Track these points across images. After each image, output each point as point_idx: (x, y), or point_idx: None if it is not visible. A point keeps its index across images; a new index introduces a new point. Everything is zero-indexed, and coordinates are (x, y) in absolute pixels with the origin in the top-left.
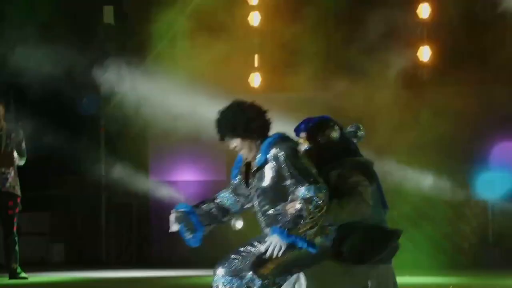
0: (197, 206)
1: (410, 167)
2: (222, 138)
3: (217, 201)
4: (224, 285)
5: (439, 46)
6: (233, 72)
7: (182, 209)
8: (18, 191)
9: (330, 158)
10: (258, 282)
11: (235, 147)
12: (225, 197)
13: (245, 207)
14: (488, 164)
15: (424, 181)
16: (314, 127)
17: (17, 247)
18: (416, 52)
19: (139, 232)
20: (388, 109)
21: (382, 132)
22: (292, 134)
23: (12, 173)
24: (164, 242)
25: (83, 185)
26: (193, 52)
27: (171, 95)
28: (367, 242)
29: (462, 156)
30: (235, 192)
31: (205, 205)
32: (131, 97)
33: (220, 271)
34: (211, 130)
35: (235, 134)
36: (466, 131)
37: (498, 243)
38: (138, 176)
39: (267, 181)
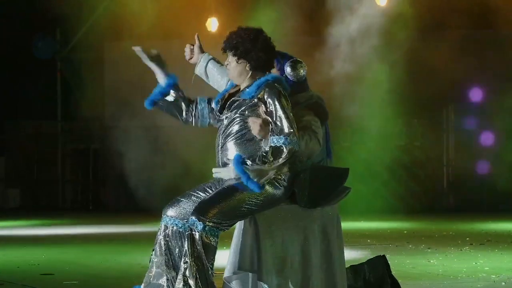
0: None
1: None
2: (223, 50)
3: (193, 100)
4: (170, 225)
5: None
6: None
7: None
8: None
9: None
10: (199, 226)
11: (227, 64)
12: (203, 100)
13: (205, 123)
14: None
15: (381, 126)
16: (288, 64)
17: None
18: None
19: (95, 177)
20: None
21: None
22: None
23: None
24: (120, 188)
25: (39, 130)
26: None
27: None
28: (315, 184)
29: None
30: (209, 109)
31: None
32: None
33: (169, 211)
34: None
35: (234, 53)
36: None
37: (452, 189)
38: (94, 120)
39: (243, 113)
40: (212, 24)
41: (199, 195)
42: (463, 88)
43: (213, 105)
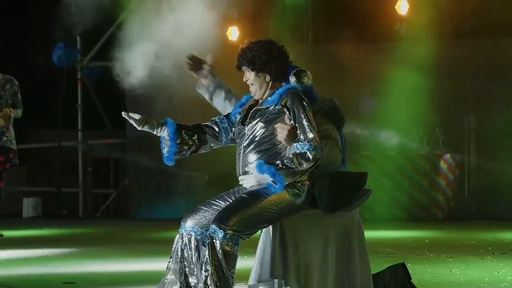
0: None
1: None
2: (239, 67)
3: (209, 123)
4: (188, 234)
5: None
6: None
7: (163, 121)
8: (14, 146)
9: None
10: (220, 234)
11: (247, 80)
12: (221, 120)
13: (230, 141)
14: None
15: (402, 135)
16: (292, 74)
17: None
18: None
19: (116, 186)
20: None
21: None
22: None
23: (9, 126)
24: (141, 196)
25: (60, 139)
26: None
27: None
28: (334, 189)
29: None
30: (230, 125)
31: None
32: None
33: (188, 220)
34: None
35: (252, 68)
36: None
37: (473, 197)
38: (115, 129)
39: (267, 121)
40: (233, 33)
41: (219, 204)
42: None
43: (232, 120)
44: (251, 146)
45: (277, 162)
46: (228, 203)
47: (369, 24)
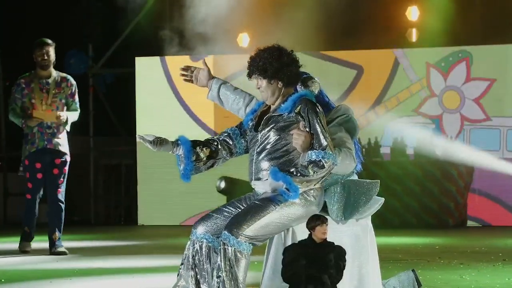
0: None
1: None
2: (250, 75)
3: (222, 136)
4: (200, 240)
5: None
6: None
7: (176, 140)
8: (66, 149)
9: None
10: (232, 241)
11: (259, 87)
12: (233, 131)
13: (243, 151)
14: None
15: (412, 142)
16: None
17: (62, 215)
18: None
19: (127, 193)
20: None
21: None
22: None
23: (60, 128)
24: (152, 203)
25: (71, 146)
26: None
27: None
28: (345, 197)
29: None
30: (243, 133)
31: (207, 140)
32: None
33: (199, 226)
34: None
35: (264, 75)
36: None
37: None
38: (126, 136)
39: (280, 128)
40: (243, 40)
41: (231, 211)
42: None
43: (244, 127)
44: (264, 153)
45: (292, 170)
46: (239, 210)
47: (379, 30)
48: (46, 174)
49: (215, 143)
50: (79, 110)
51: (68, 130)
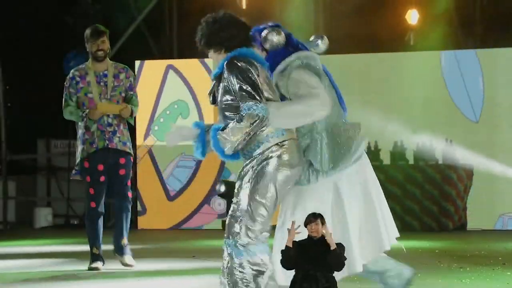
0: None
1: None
2: (201, 49)
3: None
4: (224, 245)
5: None
6: None
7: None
8: (129, 148)
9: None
10: (231, 245)
11: (212, 59)
12: None
13: None
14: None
15: (412, 145)
16: (261, 37)
17: (129, 218)
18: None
19: None
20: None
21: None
22: None
23: (121, 126)
24: (156, 205)
25: (70, 149)
26: None
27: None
28: (327, 148)
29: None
30: None
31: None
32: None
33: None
34: None
35: (208, 46)
36: None
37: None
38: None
39: (219, 95)
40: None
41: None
42: None
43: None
44: (225, 123)
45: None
46: (233, 213)
47: (378, 34)
48: (110, 177)
49: None
50: (137, 104)
51: (132, 124)
